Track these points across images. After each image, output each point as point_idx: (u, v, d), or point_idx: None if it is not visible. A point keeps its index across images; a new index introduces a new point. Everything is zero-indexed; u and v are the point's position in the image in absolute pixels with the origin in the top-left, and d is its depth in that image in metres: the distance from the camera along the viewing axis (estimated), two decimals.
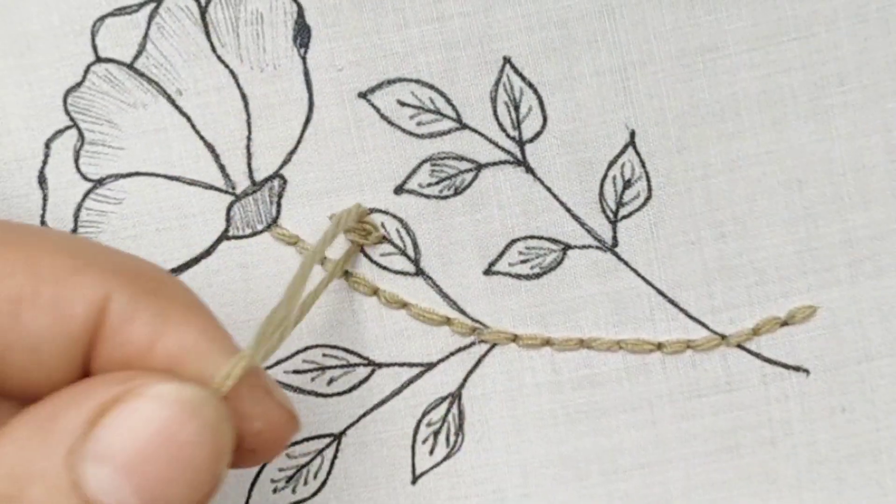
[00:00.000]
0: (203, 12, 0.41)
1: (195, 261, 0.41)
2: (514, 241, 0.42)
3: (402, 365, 0.42)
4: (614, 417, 0.43)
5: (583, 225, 0.42)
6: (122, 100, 0.41)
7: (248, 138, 0.41)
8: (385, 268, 0.42)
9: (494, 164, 0.41)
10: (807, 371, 0.42)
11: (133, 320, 0.33)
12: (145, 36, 0.41)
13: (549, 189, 0.42)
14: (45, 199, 0.41)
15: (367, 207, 0.42)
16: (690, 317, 0.42)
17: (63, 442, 0.31)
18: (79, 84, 0.41)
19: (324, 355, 0.42)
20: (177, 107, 0.41)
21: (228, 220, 0.41)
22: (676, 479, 0.43)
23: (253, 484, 0.42)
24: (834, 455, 0.43)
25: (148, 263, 0.35)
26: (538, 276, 0.42)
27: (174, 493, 0.31)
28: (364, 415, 0.42)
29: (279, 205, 0.42)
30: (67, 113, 0.41)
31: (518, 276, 0.42)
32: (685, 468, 0.43)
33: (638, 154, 0.41)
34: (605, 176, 0.41)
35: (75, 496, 0.30)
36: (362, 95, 0.41)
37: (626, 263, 0.42)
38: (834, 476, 0.43)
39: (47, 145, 0.41)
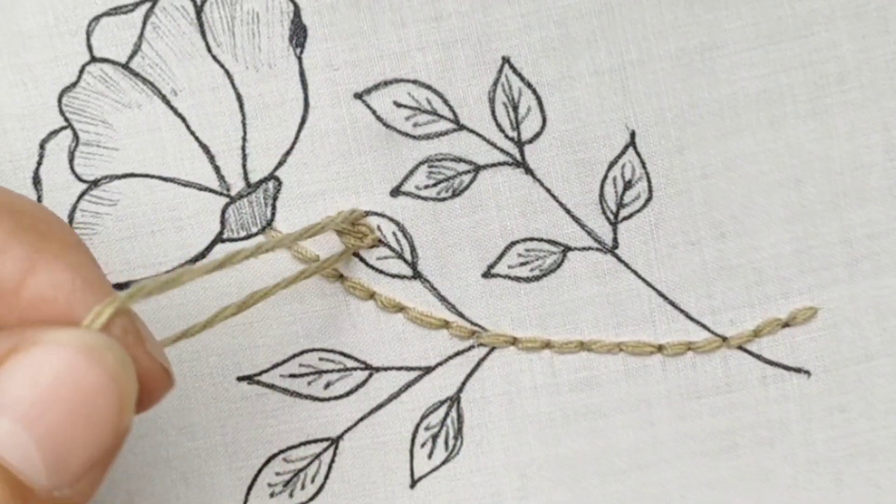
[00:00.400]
0: (199, 12, 0.40)
1: (190, 263, 0.41)
2: (513, 244, 0.42)
3: (399, 369, 0.42)
4: (611, 418, 0.42)
5: (583, 227, 0.41)
6: (116, 100, 0.40)
7: (244, 139, 0.41)
8: (381, 271, 0.42)
9: (493, 165, 0.41)
10: (807, 372, 0.42)
11: (4, 253, 0.32)
12: (140, 35, 0.40)
13: (548, 190, 0.41)
14: (39, 200, 0.40)
15: (363, 210, 0.41)
16: (691, 318, 0.42)
17: None
18: (74, 84, 0.40)
19: (320, 359, 0.42)
20: (171, 107, 0.40)
21: (223, 222, 0.41)
22: (673, 480, 0.43)
23: (250, 488, 0.42)
24: (832, 455, 0.43)
25: (28, 200, 0.34)
26: (538, 278, 0.42)
27: (78, 445, 0.30)
28: (362, 419, 0.42)
29: (274, 207, 0.41)
30: (62, 113, 0.40)
31: (517, 279, 0.42)
32: (682, 469, 0.43)
33: (638, 155, 0.41)
34: (605, 177, 0.41)
35: None
36: (358, 96, 0.41)
37: (626, 265, 0.42)
38: (832, 476, 0.43)
39: (42, 146, 0.40)
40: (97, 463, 0.31)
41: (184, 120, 0.40)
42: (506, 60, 0.41)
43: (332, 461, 0.42)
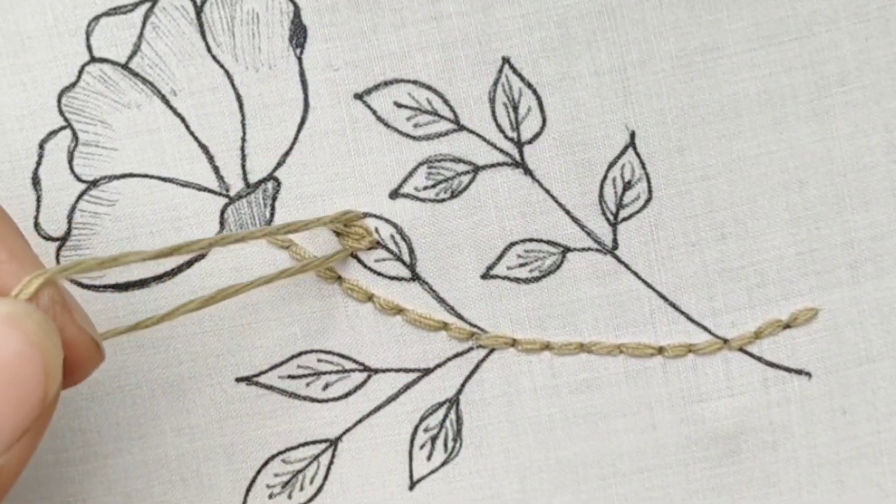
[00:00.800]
0: (198, 12, 0.40)
1: (189, 264, 0.41)
2: (512, 245, 0.41)
3: (398, 370, 0.42)
4: (613, 421, 0.42)
5: (582, 227, 0.41)
6: (116, 100, 0.40)
7: (243, 139, 0.41)
8: (380, 273, 0.42)
9: (492, 165, 0.41)
10: (808, 374, 0.42)
11: None
12: (140, 36, 0.40)
13: (547, 191, 0.41)
14: (38, 200, 0.40)
15: (362, 211, 0.41)
16: (691, 320, 0.42)
17: None
18: (73, 84, 0.40)
19: (319, 360, 0.42)
20: (171, 107, 0.40)
21: (222, 222, 0.41)
22: (676, 484, 0.43)
23: (248, 489, 0.42)
24: (834, 458, 0.43)
25: None
26: (537, 279, 0.42)
27: (5, 413, 0.30)
28: (360, 420, 0.42)
29: (273, 207, 0.41)
30: (62, 113, 0.40)
31: (517, 280, 0.42)
32: (685, 473, 0.43)
33: (638, 155, 0.41)
34: (604, 177, 0.41)
35: None
36: (358, 97, 0.41)
37: (626, 266, 0.42)
38: (834, 478, 0.43)
39: (41, 146, 0.40)
40: (27, 431, 0.31)
41: (183, 120, 0.40)
42: (506, 61, 0.41)
43: (331, 463, 0.42)
